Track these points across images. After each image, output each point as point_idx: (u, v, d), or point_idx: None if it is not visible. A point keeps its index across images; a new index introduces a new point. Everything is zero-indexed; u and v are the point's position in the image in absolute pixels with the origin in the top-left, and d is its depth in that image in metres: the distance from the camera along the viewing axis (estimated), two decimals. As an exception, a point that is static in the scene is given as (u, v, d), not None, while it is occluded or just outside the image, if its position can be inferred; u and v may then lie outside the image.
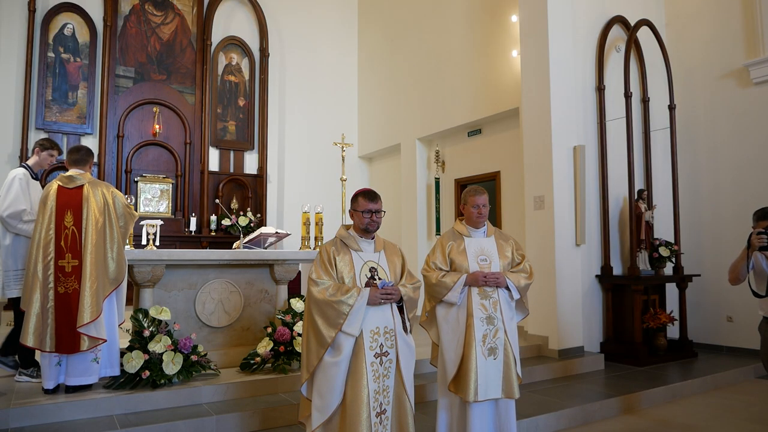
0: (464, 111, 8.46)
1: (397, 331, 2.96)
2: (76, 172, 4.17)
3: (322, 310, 2.85)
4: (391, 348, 2.93)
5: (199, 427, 3.78)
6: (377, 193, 3.13)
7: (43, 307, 3.87)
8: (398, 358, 2.93)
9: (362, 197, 3.06)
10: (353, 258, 3.00)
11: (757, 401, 5.08)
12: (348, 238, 3.07)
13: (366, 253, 3.05)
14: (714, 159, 7.09)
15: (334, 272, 2.95)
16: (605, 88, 6.74)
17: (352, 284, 2.92)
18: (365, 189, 3.15)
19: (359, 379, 2.81)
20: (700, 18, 7.28)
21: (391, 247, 3.23)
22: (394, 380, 2.92)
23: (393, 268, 3.10)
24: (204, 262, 4.81)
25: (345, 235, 3.09)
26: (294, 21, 10.76)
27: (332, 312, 2.82)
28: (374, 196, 3.08)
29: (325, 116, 10.71)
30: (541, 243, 6.12)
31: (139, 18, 9.47)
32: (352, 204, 3.11)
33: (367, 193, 3.09)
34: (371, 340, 2.87)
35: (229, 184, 9.89)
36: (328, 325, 2.82)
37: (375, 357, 2.87)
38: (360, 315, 2.82)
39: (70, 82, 8.85)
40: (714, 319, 6.94)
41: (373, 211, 3.03)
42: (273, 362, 4.63)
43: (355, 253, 3.03)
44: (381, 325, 2.92)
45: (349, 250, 3.03)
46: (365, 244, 3.07)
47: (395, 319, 2.97)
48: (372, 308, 2.89)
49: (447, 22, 8.91)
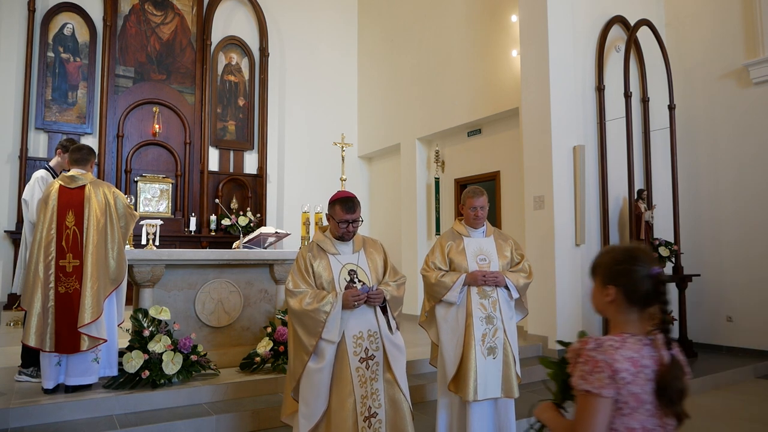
0: (464, 111, 8.46)
1: (383, 333, 2.89)
2: (77, 171, 4.17)
3: (300, 320, 2.80)
4: (377, 351, 2.87)
5: (199, 426, 3.78)
6: (356, 201, 2.97)
7: (44, 307, 3.87)
8: (387, 359, 2.88)
9: (340, 206, 2.91)
10: (331, 262, 2.92)
11: (756, 401, 5.08)
12: (324, 241, 2.98)
13: (344, 256, 2.96)
14: (714, 159, 7.09)
15: (312, 279, 2.88)
16: (605, 88, 6.75)
17: (331, 289, 2.85)
18: (344, 195, 2.98)
19: (344, 386, 2.77)
20: (700, 18, 7.28)
21: (371, 243, 3.13)
22: (383, 383, 2.85)
23: (374, 266, 3.02)
24: (204, 261, 4.81)
25: (321, 239, 3.00)
26: (294, 21, 10.76)
27: (310, 321, 2.77)
28: (352, 207, 2.91)
29: (325, 116, 10.71)
30: (541, 243, 6.12)
31: (138, 18, 9.47)
32: (329, 209, 2.97)
33: (345, 202, 2.91)
34: (354, 345, 2.82)
35: (228, 184, 9.89)
36: (308, 333, 2.78)
37: (360, 362, 2.82)
38: (337, 321, 2.76)
39: (69, 81, 8.85)
40: (714, 319, 6.94)
41: (349, 222, 2.91)
42: (273, 362, 4.63)
43: (332, 257, 2.94)
44: (364, 329, 2.86)
45: (326, 255, 2.94)
46: (343, 247, 2.98)
47: (379, 321, 2.91)
48: (353, 313, 2.82)
49: (447, 22, 8.92)
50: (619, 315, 1.57)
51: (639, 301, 1.54)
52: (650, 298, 1.53)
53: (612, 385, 1.44)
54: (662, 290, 1.53)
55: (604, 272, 1.60)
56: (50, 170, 4.61)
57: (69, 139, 4.78)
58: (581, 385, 1.47)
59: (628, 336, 1.52)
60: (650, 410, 1.47)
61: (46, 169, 4.62)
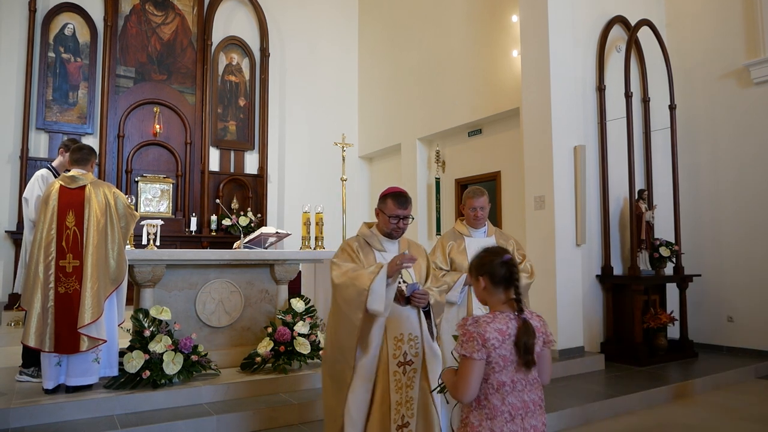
0: (465, 111, 8.46)
1: (424, 338, 2.74)
2: (78, 172, 4.17)
3: (342, 294, 2.61)
4: (416, 356, 2.70)
5: (200, 427, 3.78)
6: (408, 197, 2.82)
7: (44, 307, 3.87)
8: (425, 366, 2.72)
9: (392, 200, 2.76)
10: (377, 258, 2.76)
11: (757, 401, 5.07)
12: (371, 237, 2.82)
13: (390, 254, 2.77)
14: (714, 159, 7.09)
15: (359, 263, 2.73)
16: (606, 88, 6.74)
17: None
18: (396, 190, 2.82)
19: (381, 390, 2.61)
20: (701, 18, 7.28)
21: (416, 247, 2.97)
22: (419, 391, 2.69)
23: (418, 270, 2.86)
24: (204, 262, 4.81)
25: (368, 233, 2.84)
26: (294, 21, 10.77)
27: (353, 290, 2.55)
28: (404, 202, 2.77)
29: (326, 116, 10.71)
30: (542, 243, 6.11)
31: (139, 18, 9.47)
32: (380, 203, 2.82)
33: (398, 197, 2.77)
34: (394, 348, 2.66)
35: (229, 184, 9.89)
36: (351, 306, 2.57)
37: (398, 366, 2.66)
38: (383, 288, 2.50)
39: (70, 82, 8.85)
40: (714, 320, 6.94)
41: (401, 217, 2.76)
42: (273, 362, 4.63)
43: (378, 253, 2.79)
44: (405, 331, 2.69)
45: (372, 250, 2.79)
46: (389, 245, 2.83)
47: (422, 325, 2.75)
48: (396, 313, 2.66)
49: (447, 22, 8.91)
50: (492, 298, 2.07)
51: (501, 283, 2.03)
52: (507, 279, 2.02)
53: (483, 350, 1.91)
54: (514, 271, 2.03)
55: (474, 268, 2.11)
56: (52, 170, 4.62)
57: (71, 139, 4.79)
58: (459, 351, 1.96)
59: (499, 313, 2.01)
60: (515, 367, 1.97)
61: (48, 168, 4.63)
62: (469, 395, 1.95)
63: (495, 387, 1.96)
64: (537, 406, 2.04)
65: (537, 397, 2.05)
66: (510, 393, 1.97)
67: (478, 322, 1.96)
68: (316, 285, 6.46)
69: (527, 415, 2.00)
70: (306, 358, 4.75)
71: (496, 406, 1.96)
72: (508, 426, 1.95)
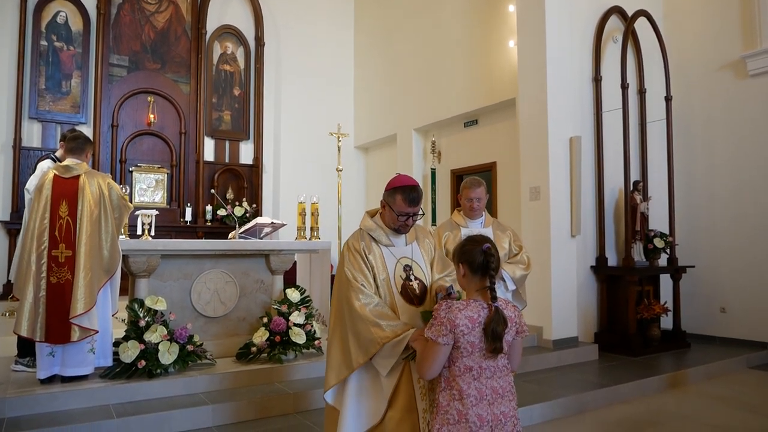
0: (461, 101, 8.44)
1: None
2: (72, 161, 4.14)
3: (355, 326, 2.39)
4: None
5: (195, 416, 3.79)
6: (420, 191, 2.55)
7: (35, 297, 3.85)
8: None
9: (402, 196, 2.48)
10: (384, 255, 2.55)
11: (748, 391, 5.13)
12: (376, 231, 2.58)
13: (398, 248, 2.58)
14: (710, 150, 7.10)
15: (370, 274, 2.49)
16: (602, 79, 6.73)
17: (386, 286, 2.49)
18: (407, 183, 2.53)
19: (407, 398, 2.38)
20: (698, 9, 7.26)
21: (422, 231, 2.77)
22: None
23: (427, 257, 2.68)
24: (199, 252, 4.80)
25: (372, 227, 2.60)
26: (290, 10, 10.68)
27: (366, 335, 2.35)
28: (416, 198, 2.50)
29: (321, 106, 10.66)
30: (537, 234, 6.13)
31: (132, 6, 9.36)
32: (387, 196, 2.55)
33: (409, 193, 2.48)
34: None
35: (224, 174, 9.85)
36: (360, 346, 2.37)
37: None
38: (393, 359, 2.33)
39: (63, 70, 8.76)
40: (707, 310, 6.98)
41: (410, 215, 2.52)
42: (269, 352, 4.64)
43: (385, 248, 2.57)
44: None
45: (378, 246, 2.56)
46: (396, 239, 2.60)
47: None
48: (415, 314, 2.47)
49: (444, 12, 8.86)
50: (469, 285, 2.13)
51: (478, 270, 2.09)
52: (484, 266, 2.08)
53: (450, 335, 2.00)
54: (491, 260, 2.08)
55: (456, 255, 2.18)
56: (56, 161, 4.58)
57: (71, 130, 4.74)
58: (427, 333, 2.07)
59: (473, 301, 2.08)
60: (483, 354, 2.04)
61: (52, 159, 4.61)
62: (430, 374, 2.08)
63: (462, 370, 2.04)
64: (507, 392, 2.10)
65: (507, 384, 2.11)
66: (477, 378, 2.05)
67: (451, 308, 2.03)
68: (312, 275, 6.46)
69: (496, 401, 2.06)
70: (301, 348, 4.76)
71: (463, 389, 2.03)
72: (474, 409, 2.02)
